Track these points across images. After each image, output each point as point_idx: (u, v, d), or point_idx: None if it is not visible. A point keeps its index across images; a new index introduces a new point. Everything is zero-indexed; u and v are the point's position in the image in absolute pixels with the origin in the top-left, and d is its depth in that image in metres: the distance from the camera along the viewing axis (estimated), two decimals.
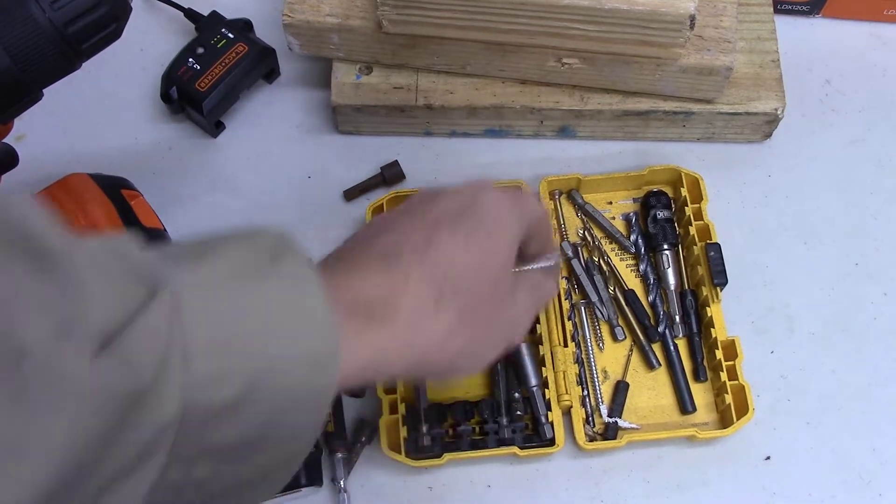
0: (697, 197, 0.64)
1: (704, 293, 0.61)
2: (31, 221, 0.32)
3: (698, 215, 0.63)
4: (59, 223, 0.33)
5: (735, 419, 0.58)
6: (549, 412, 0.58)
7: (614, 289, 0.63)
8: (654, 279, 0.63)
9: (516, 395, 0.59)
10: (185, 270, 0.35)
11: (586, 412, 0.60)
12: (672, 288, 0.63)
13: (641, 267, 0.64)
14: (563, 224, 0.65)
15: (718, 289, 0.61)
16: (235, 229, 0.39)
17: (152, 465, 0.33)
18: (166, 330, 0.32)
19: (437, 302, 0.42)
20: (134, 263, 0.34)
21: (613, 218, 0.66)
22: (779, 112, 0.65)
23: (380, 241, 0.43)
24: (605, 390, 0.61)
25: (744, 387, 0.58)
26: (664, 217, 0.64)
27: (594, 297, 0.63)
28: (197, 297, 0.34)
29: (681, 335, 0.62)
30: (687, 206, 0.64)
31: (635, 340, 0.62)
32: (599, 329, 0.63)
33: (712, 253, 0.61)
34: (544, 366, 0.59)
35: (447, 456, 0.57)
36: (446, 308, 0.42)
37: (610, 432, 0.59)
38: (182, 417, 0.33)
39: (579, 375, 0.60)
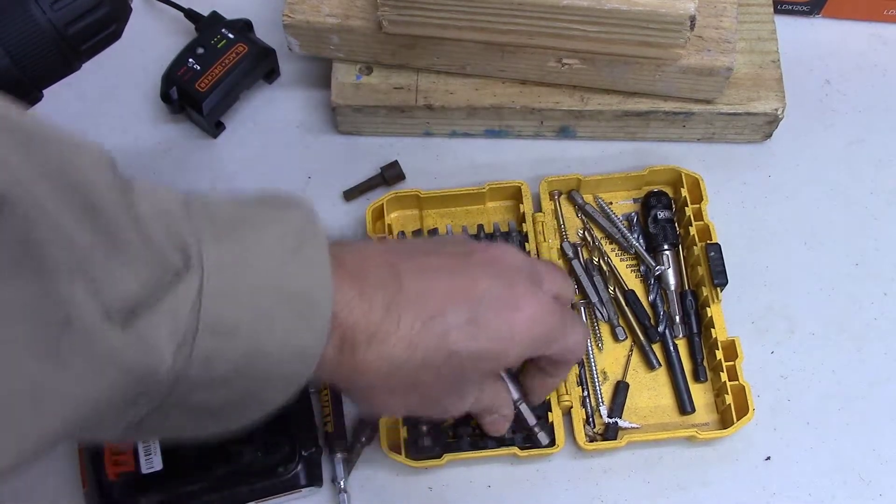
0: (697, 197, 0.64)
1: (704, 293, 0.61)
2: (89, 173, 0.34)
3: (698, 216, 0.63)
4: (116, 170, 0.36)
5: (735, 419, 0.58)
6: (549, 412, 0.58)
7: (614, 289, 0.63)
8: (654, 279, 0.63)
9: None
10: (215, 247, 0.37)
11: (586, 413, 0.60)
12: (672, 288, 0.63)
13: (642, 267, 0.64)
14: (563, 224, 0.65)
15: (718, 289, 0.61)
16: (269, 198, 0.41)
17: (133, 412, 0.36)
18: (188, 311, 0.35)
19: (401, 366, 0.43)
20: (175, 231, 0.36)
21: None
22: (779, 112, 0.65)
23: (405, 277, 0.43)
24: (605, 391, 0.61)
25: (744, 387, 0.58)
26: (665, 217, 0.64)
27: (594, 298, 0.63)
28: (218, 279, 0.36)
29: (681, 335, 0.62)
30: (687, 206, 0.64)
31: (635, 341, 0.62)
32: (599, 330, 0.63)
33: (712, 253, 0.61)
34: None
35: (447, 456, 0.57)
36: (404, 376, 0.44)
37: (610, 432, 0.59)
38: (173, 384, 0.35)
39: (579, 376, 0.60)
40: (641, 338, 0.62)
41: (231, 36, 0.68)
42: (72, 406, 0.33)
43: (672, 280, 0.63)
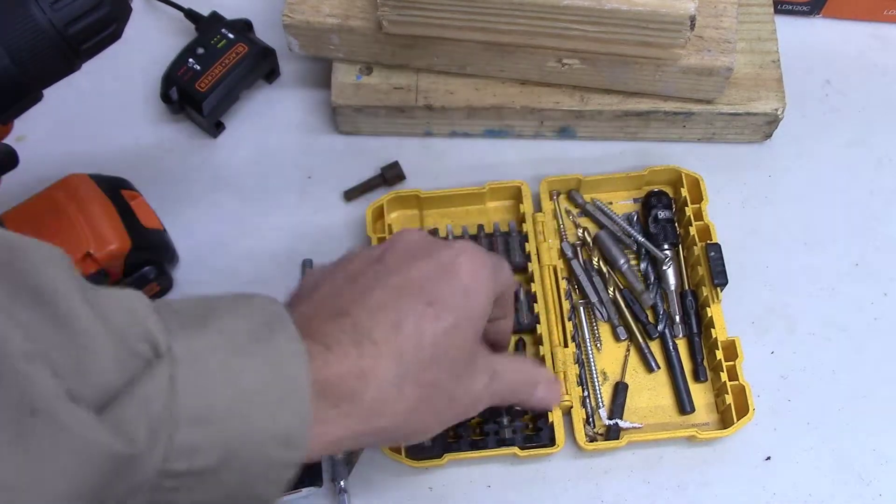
0: (698, 197, 0.64)
1: (705, 293, 0.61)
2: (47, 271, 0.34)
3: (698, 215, 0.63)
4: (74, 272, 0.35)
5: (735, 419, 0.58)
6: (549, 412, 0.58)
7: (613, 290, 0.63)
8: (654, 279, 0.63)
9: None
10: (184, 338, 0.36)
11: (586, 412, 0.60)
12: (672, 288, 0.63)
13: (642, 266, 0.64)
14: (562, 225, 0.65)
15: (719, 289, 0.61)
16: (232, 295, 0.41)
17: None
18: (162, 399, 0.34)
19: (403, 380, 0.43)
20: (141, 324, 0.36)
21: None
22: (779, 112, 0.65)
23: (351, 309, 0.43)
24: (605, 391, 0.61)
25: (744, 387, 0.58)
26: (665, 217, 0.64)
27: (594, 298, 0.63)
28: (191, 368, 0.36)
29: (681, 335, 0.62)
30: (687, 206, 0.64)
31: (632, 340, 0.62)
32: (598, 330, 0.63)
33: (713, 253, 0.61)
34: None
35: (447, 456, 0.57)
36: (412, 386, 0.43)
37: (611, 433, 0.59)
38: (158, 478, 0.35)
39: (579, 376, 0.60)
40: (640, 338, 0.62)
41: (231, 36, 0.68)
42: (49, 500, 0.31)
43: (672, 280, 0.63)
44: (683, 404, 0.60)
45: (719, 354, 0.60)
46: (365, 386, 0.42)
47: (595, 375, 0.61)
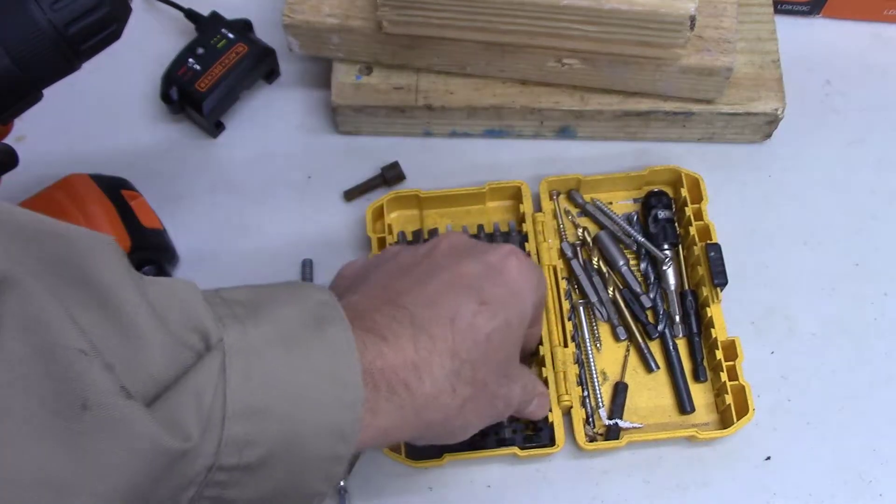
0: (697, 197, 0.64)
1: (704, 293, 0.61)
2: (99, 261, 0.33)
3: (698, 215, 0.63)
4: (125, 261, 0.35)
5: (735, 419, 0.58)
6: (549, 412, 0.58)
7: (613, 290, 0.63)
8: (654, 279, 0.63)
9: None
10: (236, 329, 0.36)
11: (586, 412, 0.60)
12: (672, 288, 0.63)
13: (642, 266, 0.64)
14: (562, 225, 0.65)
15: (718, 289, 0.61)
16: (283, 283, 0.41)
17: None
18: (213, 392, 0.34)
19: (457, 376, 0.43)
20: (193, 315, 0.35)
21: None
22: (779, 112, 0.65)
23: (406, 301, 0.44)
24: (605, 391, 0.61)
25: (744, 387, 0.58)
26: (665, 217, 0.64)
27: (593, 298, 0.63)
28: (242, 360, 0.35)
29: (681, 335, 0.62)
30: (687, 206, 0.64)
31: (632, 340, 0.62)
32: (597, 330, 0.63)
33: (712, 253, 0.61)
34: (544, 366, 0.59)
35: (447, 456, 0.57)
36: (464, 383, 0.44)
37: (611, 433, 0.59)
38: (208, 473, 0.34)
39: (579, 376, 0.60)
40: (639, 338, 0.62)
41: (231, 36, 0.68)
42: (99, 497, 0.31)
43: (672, 280, 0.63)
44: (683, 404, 0.60)
45: (719, 354, 0.60)
46: (420, 379, 0.42)
47: (595, 375, 0.61)
